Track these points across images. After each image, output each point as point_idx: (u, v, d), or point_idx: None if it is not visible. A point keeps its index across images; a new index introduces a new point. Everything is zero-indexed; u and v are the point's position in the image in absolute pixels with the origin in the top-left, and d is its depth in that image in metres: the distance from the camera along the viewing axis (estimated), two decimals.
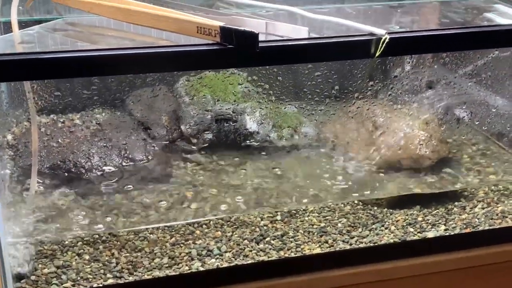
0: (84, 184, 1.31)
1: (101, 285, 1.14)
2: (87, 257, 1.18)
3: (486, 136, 1.56)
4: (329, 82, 1.38)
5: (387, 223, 1.30)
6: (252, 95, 1.44)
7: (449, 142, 1.51)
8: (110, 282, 1.14)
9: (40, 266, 1.15)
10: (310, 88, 1.40)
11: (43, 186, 1.29)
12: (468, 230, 1.31)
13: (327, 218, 1.30)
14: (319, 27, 1.13)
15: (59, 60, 0.97)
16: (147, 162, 1.39)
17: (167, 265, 1.18)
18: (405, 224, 1.31)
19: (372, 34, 1.06)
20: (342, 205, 1.33)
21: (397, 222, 1.31)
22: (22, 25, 1.14)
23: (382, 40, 1.05)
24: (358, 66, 1.35)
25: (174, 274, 1.17)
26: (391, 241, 1.27)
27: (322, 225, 1.29)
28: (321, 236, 1.26)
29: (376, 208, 1.34)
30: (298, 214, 1.30)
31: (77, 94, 1.39)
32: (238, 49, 0.98)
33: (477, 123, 1.55)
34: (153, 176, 1.36)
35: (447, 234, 1.30)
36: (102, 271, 1.16)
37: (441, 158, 1.44)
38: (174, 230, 1.24)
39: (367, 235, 1.27)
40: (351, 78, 1.36)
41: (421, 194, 1.37)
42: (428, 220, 1.32)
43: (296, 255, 1.23)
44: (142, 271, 1.17)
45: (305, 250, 1.24)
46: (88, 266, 1.16)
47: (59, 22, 1.20)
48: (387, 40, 1.05)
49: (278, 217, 1.29)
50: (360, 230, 1.28)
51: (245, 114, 1.44)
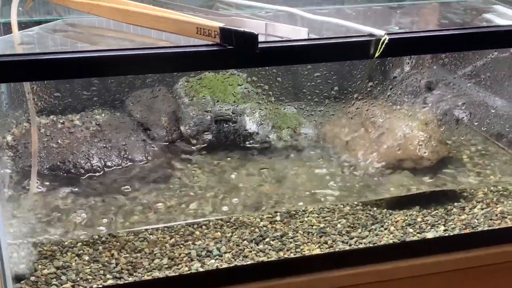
0: (83, 184, 1.31)
1: (100, 285, 1.14)
2: (87, 257, 1.18)
3: (485, 136, 1.57)
4: (328, 83, 1.39)
5: (387, 224, 1.30)
6: (251, 96, 1.44)
7: (448, 142, 1.51)
8: (109, 282, 1.14)
9: (40, 266, 1.15)
10: (310, 89, 1.40)
11: (43, 186, 1.29)
12: (467, 231, 1.31)
13: (327, 218, 1.30)
14: (319, 28, 1.14)
15: (59, 61, 0.97)
16: (147, 162, 1.39)
17: (167, 265, 1.18)
18: (404, 224, 1.31)
19: (371, 35, 1.07)
20: (342, 205, 1.33)
21: (396, 222, 1.31)
22: (22, 26, 1.14)
23: (382, 41, 1.05)
24: (358, 67, 1.35)
25: (173, 274, 1.17)
26: (391, 241, 1.27)
27: (322, 225, 1.29)
28: (320, 236, 1.26)
29: (375, 208, 1.34)
30: (297, 215, 1.30)
31: (76, 95, 1.39)
32: (237, 50, 0.98)
33: (476, 124, 1.55)
34: (152, 176, 1.36)
35: (447, 234, 1.30)
36: (101, 272, 1.16)
37: (440, 159, 1.44)
38: (173, 231, 1.24)
39: (367, 236, 1.27)
40: (351, 79, 1.36)
41: (420, 194, 1.37)
42: (427, 220, 1.32)
43: (295, 256, 1.23)
44: (141, 272, 1.17)
45: (304, 251, 1.24)
46: (87, 267, 1.16)
47: (59, 23, 1.20)
48: (387, 41, 1.05)
49: (278, 217, 1.29)
50: (359, 230, 1.28)
51: (244, 115, 1.44)
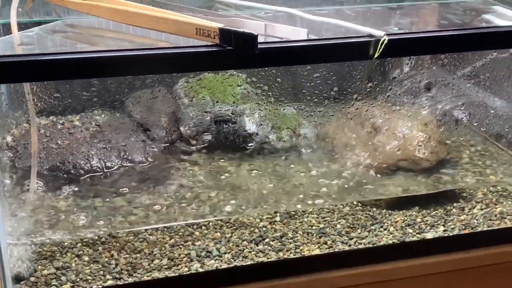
0: (83, 185, 1.31)
1: (100, 286, 1.14)
2: (87, 258, 1.18)
3: (485, 137, 1.57)
4: (328, 83, 1.39)
5: (386, 224, 1.30)
6: (251, 97, 1.44)
7: (447, 143, 1.51)
8: (109, 283, 1.14)
9: (39, 267, 1.15)
10: (309, 89, 1.40)
11: (43, 187, 1.29)
12: (467, 231, 1.31)
13: (326, 219, 1.30)
14: (318, 29, 1.14)
15: (59, 61, 0.97)
16: (147, 163, 1.39)
17: (167, 266, 1.18)
18: (404, 225, 1.31)
19: (370, 36, 1.07)
20: (341, 206, 1.33)
21: (396, 223, 1.31)
22: (21, 26, 1.14)
23: (381, 41, 1.05)
24: (357, 67, 1.36)
25: (173, 275, 1.17)
26: (390, 242, 1.27)
27: (321, 226, 1.29)
28: (320, 237, 1.26)
29: (375, 209, 1.34)
30: (297, 215, 1.30)
31: (76, 96, 1.39)
32: (237, 50, 0.99)
33: (475, 124, 1.56)
34: (152, 177, 1.36)
35: (446, 235, 1.30)
36: (101, 273, 1.16)
37: (439, 159, 1.44)
38: (173, 231, 1.24)
39: (366, 236, 1.27)
40: (350, 79, 1.36)
41: (420, 195, 1.37)
42: (427, 221, 1.32)
43: (295, 256, 1.23)
44: (141, 272, 1.17)
45: (304, 251, 1.24)
46: (87, 268, 1.16)
47: (59, 24, 1.20)
48: (386, 41, 1.05)
49: (277, 218, 1.29)
50: (359, 231, 1.29)
51: (244, 116, 1.44)
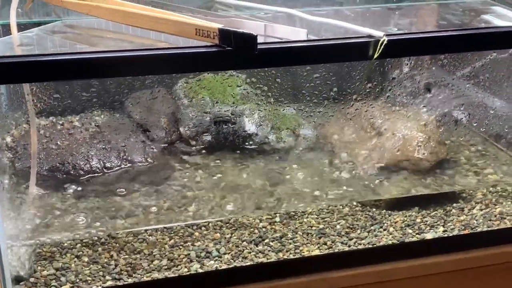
0: (83, 186, 1.31)
1: (100, 287, 1.14)
2: (86, 259, 1.18)
3: (484, 137, 1.57)
4: (327, 84, 1.39)
5: (386, 225, 1.30)
6: (250, 97, 1.44)
7: (447, 143, 1.51)
8: (109, 284, 1.14)
9: (39, 268, 1.15)
10: (309, 90, 1.40)
11: (42, 188, 1.29)
12: (466, 232, 1.31)
13: (326, 219, 1.30)
14: (318, 29, 1.14)
15: (58, 62, 0.97)
16: (146, 164, 1.39)
17: (166, 267, 1.18)
18: (403, 225, 1.31)
19: (370, 36, 1.07)
20: (341, 206, 1.33)
21: (395, 223, 1.31)
22: (21, 27, 1.14)
23: (380, 42, 1.05)
24: (357, 68, 1.36)
25: (173, 276, 1.17)
26: (390, 242, 1.27)
27: (321, 226, 1.29)
28: (319, 237, 1.26)
29: (374, 209, 1.34)
30: (296, 216, 1.30)
31: (76, 96, 1.39)
32: (236, 51, 0.99)
33: (475, 125, 1.56)
34: (152, 178, 1.36)
35: (446, 235, 1.30)
36: (101, 273, 1.16)
37: (439, 160, 1.44)
38: (173, 232, 1.24)
39: (366, 237, 1.27)
40: (350, 80, 1.36)
41: (419, 195, 1.37)
42: (426, 221, 1.32)
43: (295, 257, 1.23)
44: (141, 273, 1.17)
45: (304, 252, 1.24)
46: (87, 268, 1.16)
47: (58, 25, 1.20)
48: (385, 42, 1.05)
49: (277, 218, 1.29)
50: (358, 231, 1.29)
51: (243, 116, 1.44)
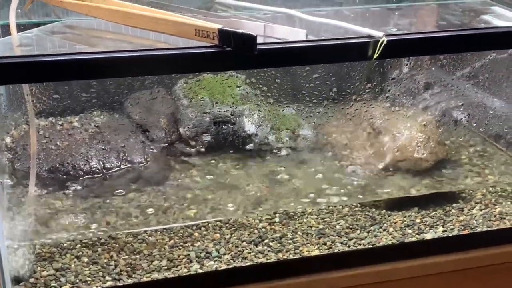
0: (82, 186, 1.31)
1: (99, 287, 1.14)
2: (86, 259, 1.18)
3: (484, 137, 1.57)
4: (327, 84, 1.39)
5: (385, 225, 1.30)
6: (250, 98, 1.44)
7: (446, 144, 1.51)
8: (109, 284, 1.14)
9: (39, 268, 1.15)
10: (308, 90, 1.40)
11: (42, 188, 1.29)
12: (466, 232, 1.31)
13: (326, 220, 1.30)
14: (317, 30, 1.14)
15: (58, 62, 0.97)
16: (146, 164, 1.39)
17: (166, 267, 1.18)
18: (403, 225, 1.31)
19: (370, 36, 1.07)
20: (340, 207, 1.33)
21: (395, 223, 1.31)
22: (20, 28, 1.14)
23: (380, 42, 1.05)
24: (356, 68, 1.36)
25: (172, 276, 1.17)
26: (390, 242, 1.27)
27: (321, 227, 1.29)
28: (319, 238, 1.26)
29: (374, 210, 1.34)
30: (296, 216, 1.30)
31: (75, 97, 1.39)
32: (236, 51, 0.99)
33: (474, 125, 1.56)
34: (151, 178, 1.36)
35: (445, 235, 1.30)
36: (100, 274, 1.16)
37: (439, 160, 1.44)
38: (172, 232, 1.24)
39: (366, 237, 1.27)
40: (349, 80, 1.36)
41: (419, 195, 1.37)
42: (426, 221, 1.32)
43: (294, 257, 1.23)
44: (140, 274, 1.17)
45: (303, 252, 1.24)
46: (86, 269, 1.16)
47: (58, 25, 1.20)
48: (385, 42, 1.05)
49: (277, 219, 1.29)
50: (358, 232, 1.29)
51: (243, 117, 1.45)
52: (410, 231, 1.30)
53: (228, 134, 1.45)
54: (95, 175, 1.34)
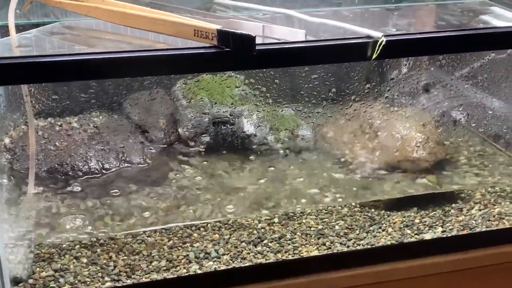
0: (81, 187, 1.31)
1: None
2: (85, 260, 1.18)
3: (483, 138, 1.57)
4: (326, 84, 1.39)
5: (385, 225, 1.31)
6: (249, 98, 1.44)
7: (446, 144, 1.51)
8: (108, 285, 1.14)
9: (38, 269, 1.15)
10: (307, 90, 1.40)
11: (41, 189, 1.29)
12: (465, 232, 1.32)
13: (325, 220, 1.30)
14: (316, 30, 1.14)
15: (57, 63, 0.97)
16: (145, 165, 1.39)
17: (165, 268, 1.18)
18: (402, 226, 1.31)
19: (369, 37, 1.07)
20: (340, 207, 1.33)
21: (394, 224, 1.31)
22: (19, 28, 1.14)
23: (379, 42, 1.05)
24: (355, 68, 1.36)
25: (172, 277, 1.17)
26: (389, 243, 1.27)
27: (320, 227, 1.29)
28: (318, 238, 1.26)
29: (373, 210, 1.34)
30: (295, 217, 1.30)
31: (74, 98, 1.39)
32: (235, 52, 0.99)
33: (473, 125, 1.56)
34: (150, 179, 1.36)
35: (445, 235, 1.30)
36: (100, 274, 1.16)
37: (438, 160, 1.44)
38: (171, 233, 1.24)
39: (365, 237, 1.27)
40: (348, 80, 1.36)
41: (418, 196, 1.37)
42: (425, 222, 1.32)
43: (293, 258, 1.23)
44: (140, 274, 1.17)
45: (302, 253, 1.24)
46: (86, 269, 1.16)
47: (57, 26, 1.20)
48: (384, 42, 1.05)
49: (276, 219, 1.29)
50: (357, 232, 1.29)
51: (242, 117, 1.44)
52: (409, 231, 1.30)
53: (227, 135, 1.45)
54: (94, 176, 1.34)
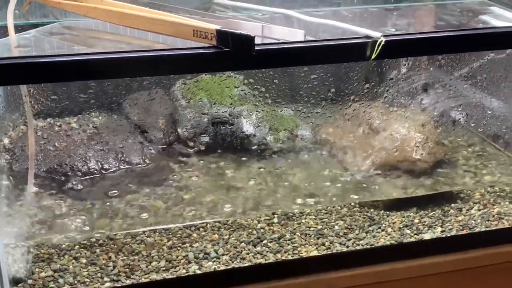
0: (81, 187, 1.31)
1: None
2: (84, 260, 1.18)
3: (482, 137, 1.57)
4: (325, 84, 1.39)
5: (384, 225, 1.31)
6: (248, 98, 1.44)
7: (445, 144, 1.51)
8: (107, 285, 1.14)
9: (37, 269, 1.15)
10: (306, 90, 1.40)
11: (40, 189, 1.29)
12: (464, 232, 1.32)
13: (324, 220, 1.30)
14: (315, 30, 1.14)
15: (56, 63, 0.97)
16: (144, 165, 1.39)
17: (164, 268, 1.18)
18: (401, 226, 1.31)
19: (368, 37, 1.07)
20: (339, 207, 1.33)
21: (393, 224, 1.31)
22: (18, 29, 1.14)
23: (378, 42, 1.05)
24: (354, 68, 1.36)
25: (171, 277, 1.17)
26: (388, 243, 1.27)
27: (319, 227, 1.29)
28: (318, 238, 1.26)
29: (372, 210, 1.34)
30: (295, 217, 1.30)
31: (73, 98, 1.39)
32: (234, 52, 0.99)
33: (473, 125, 1.56)
34: (149, 179, 1.36)
35: (444, 235, 1.30)
36: (99, 275, 1.16)
37: (437, 160, 1.44)
38: (171, 233, 1.24)
39: (364, 237, 1.27)
40: (347, 80, 1.36)
41: (417, 196, 1.37)
42: (424, 222, 1.32)
43: (293, 258, 1.23)
44: (139, 275, 1.17)
45: (302, 253, 1.24)
46: (85, 270, 1.16)
47: (56, 26, 1.20)
48: (383, 42, 1.05)
49: (275, 219, 1.29)
50: (357, 232, 1.29)
51: (241, 117, 1.44)
52: (408, 231, 1.30)
53: (226, 135, 1.45)
54: (94, 176, 1.34)
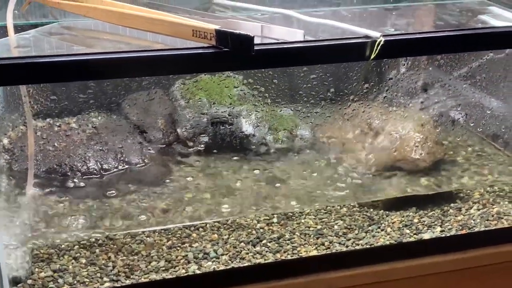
0: (80, 187, 1.31)
1: None
2: (84, 260, 1.18)
3: (481, 137, 1.57)
4: (324, 84, 1.39)
5: (383, 225, 1.31)
6: (247, 98, 1.44)
7: (444, 143, 1.51)
8: (107, 285, 1.14)
9: (36, 270, 1.15)
10: (306, 90, 1.40)
11: (40, 189, 1.29)
12: (464, 232, 1.32)
13: (324, 220, 1.30)
14: (315, 30, 1.14)
15: (55, 64, 0.97)
16: (143, 165, 1.39)
17: (164, 268, 1.18)
18: (401, 225, 1.31)
19: (367, 37, 1.07)
20: (338, 207, 1.33)
21: (393, 223, 1.31)
22: (17, 29, 1.14)
23: (377, 42, 1.05)
24: (354, 68, 1.36)
25: (171, 277, 1.17)
26: (387, 242, 1.27)
27: (319, 227, 1.29)
28: (317, 238, 1.26)
29: (372, 210, 1.34)
30: (294, 217, 1.30)
31: (73, 98, 1.39)
32: (233, 52, 0.99)
33: (472, 125, 1.56)
34: (149, 179, 1.36)
35: (443, 235, 1.30)
36: (98, 275, 1.16)
37: (436, 160, 1.44)
38: (170, 233, 1.24)
39: (364, 237, 1.28)
40: (347, 80, 1.36)
41: (417, 195, 1.37)
42: (424, 221, 1.32)
43: (292, 258, 1.23)
44: (139, 275, 1.17)
45: (301, 253, 1.24)
46: (84, 270, 1.16)
47: (55, 26, 1.20)
48: (382, 42, 1.05)
49: (275, 219, 1.29)
50: (356, 232, 1.29)
51: (241, 117, 1.45)
52: (408, 231, 1.30)
53: (225, 135, 1.45)
54: (93, 176, 1.34)
